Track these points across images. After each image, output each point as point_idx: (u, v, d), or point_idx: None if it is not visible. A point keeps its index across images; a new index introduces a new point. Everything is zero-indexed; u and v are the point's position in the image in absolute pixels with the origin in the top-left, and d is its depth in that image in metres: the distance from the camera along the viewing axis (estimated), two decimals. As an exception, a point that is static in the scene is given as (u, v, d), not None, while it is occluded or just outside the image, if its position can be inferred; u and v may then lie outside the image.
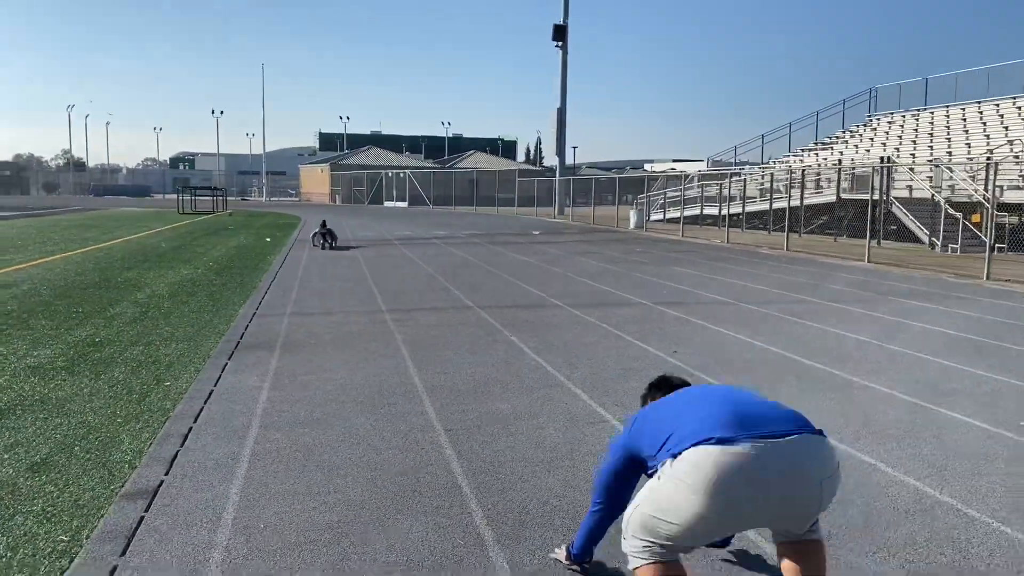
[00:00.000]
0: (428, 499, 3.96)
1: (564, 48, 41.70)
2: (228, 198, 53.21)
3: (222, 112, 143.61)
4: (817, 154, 35.02)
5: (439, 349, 7.48)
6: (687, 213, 32.21)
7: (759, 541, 3.49)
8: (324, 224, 20.69)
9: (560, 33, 41.33)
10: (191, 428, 5.07)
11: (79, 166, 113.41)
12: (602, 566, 3.26)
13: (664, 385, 3.16)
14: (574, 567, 3.23)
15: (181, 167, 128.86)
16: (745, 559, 3.36)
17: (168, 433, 4.97)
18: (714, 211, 30.80)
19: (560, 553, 3.28)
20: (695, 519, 2.47)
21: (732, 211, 27.25)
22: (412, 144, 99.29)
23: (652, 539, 2.61)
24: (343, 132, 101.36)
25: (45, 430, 5.01)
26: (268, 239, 22.66)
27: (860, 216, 23.30)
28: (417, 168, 68.80)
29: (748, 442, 2.46)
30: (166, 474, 4.28)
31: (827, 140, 36.56)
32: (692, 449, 2.49)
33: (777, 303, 10.71)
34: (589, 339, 8.04)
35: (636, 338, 8.08)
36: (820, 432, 2.61)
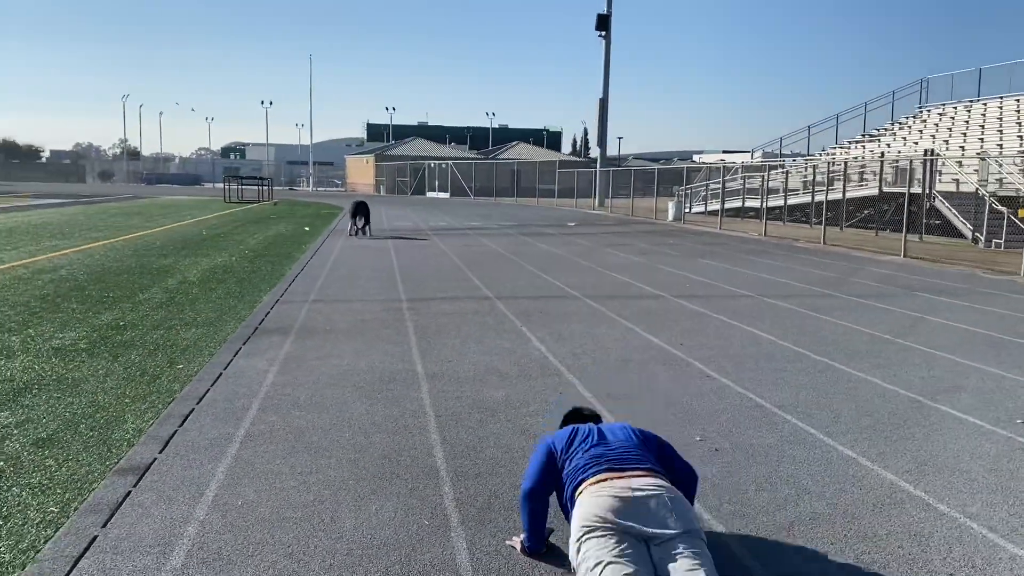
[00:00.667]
0: (404, 481, 4.08)
1: (607, 38, 41.48)
2: (276, 188, 54.10)
3: (271, 103, 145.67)
4: (864, 146, 34.37)
5: (448, 338, 7.60)
6: (730, 205, 31.90)
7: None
8: (360, 202, 21.17)
9: (603, 22, 41.12)
10: (193, 409, 5.25)
11: (133, 155, 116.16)
12: (559, 552, 3.35)
13: (576, 416, 3.78)
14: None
15: (232, 157, 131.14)
16: None
17: (171, 414, 5.16)
18: (756, 204, 30.45)
19: (516, 541, 3.37)
20: (602, 518, 2.97)
21: (772, 204, 26.91)
22: (457, 135, 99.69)
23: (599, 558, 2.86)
24: (389, 123, 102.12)
25: (56, 408, 5.23)
26: (307, 228, 23.03)
27: (902, 210, 22.86)
28: (460, 159, 69.09)
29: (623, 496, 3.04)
30: (160, 452, 4.46)
31: (875, 132, 35.85)
32: (580, 496, 3.11)
33: (798, 297, 10.62)
34: (598, 331, 8.09)
35: (646, 330, 8.11)
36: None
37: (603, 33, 41.42)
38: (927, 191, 22.39)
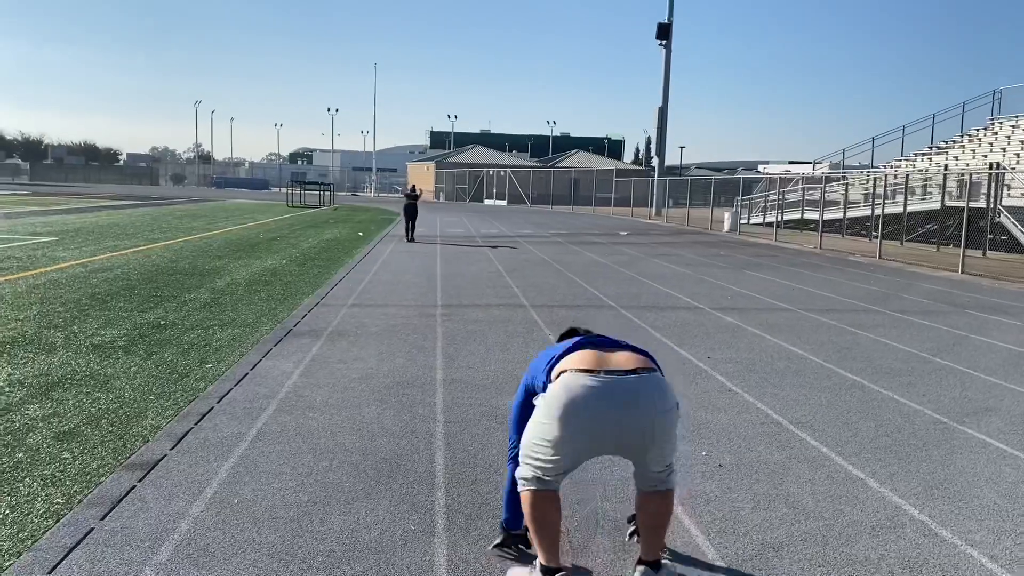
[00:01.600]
0: (400, 486, 4.12)
1: (668, 47, 41.22)
2: (340, 193, 55.00)
3: (337, 110, 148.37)
4: (931, 159, 33.40)
5: (473, 344, 7.64)
6: (789, 217, 31.35)
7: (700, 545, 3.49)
8: (413, 188, 21.67)
9: (664, 32, 40.86)
10: (212, 408, 5.39)
11: (206, 159, 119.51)
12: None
13: (571, 334, 3.56)
14: (510, 546, 3.41)
15: (299, 162, 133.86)
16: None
17: (190, 412, 5.30)
18: (816, 216, 29.86)
19: (497, 540, 3.43)
20: (556, 440, 2.96)
21: (831, 216, 26.34)
22: (518, 143, 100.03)
23: (535, 464, 3.02)
24: (451, 131, 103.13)
25: (84, 403, 5.42)
26: (361, 233, 23.37)
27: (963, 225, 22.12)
28: (518, 167, 69.31)
29: (598, 376, 2.98)
30: (171, 449, 4.59)
31: (943, 144, 34.81)
32: (557, 379, 3.04)
33: (840, 312, 10.38)
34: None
35: (676, 342, 8.02)
36: (659, 373, 3.16)
37: (663, 42, 41.15)
38: (992, 205, 21.66)
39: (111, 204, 38.76)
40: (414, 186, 23.26)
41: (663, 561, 3.15)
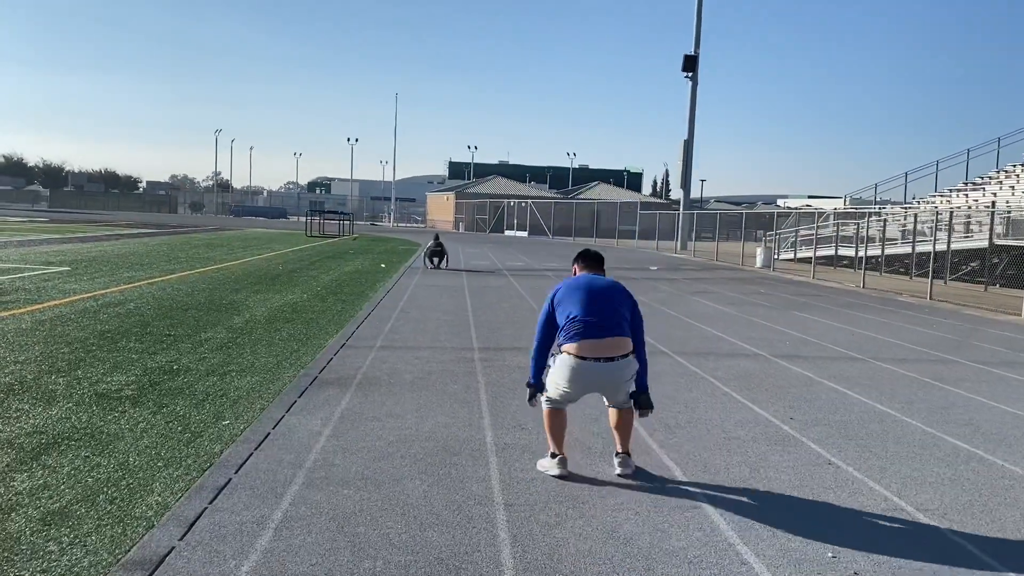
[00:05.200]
0: (464, 600, 3.28)
1: (694, 79, 40.64)
2: (358, 222, 54.47)
3: (357, 140, 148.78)
4: (967, 195, 32.48)
5: (521, 397, 6.77)
6: (821, 253, 30.41)
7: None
8: (436, 238, 21.43)
9: (690, 64, 40.31)
10: (230, 480, 4.58)
11: (224, 187, 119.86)
12: None
13: (586, 256, 5.49)
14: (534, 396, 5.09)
15: (318, 191, 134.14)
16: None
17: (203, 485, 4.49)
18: (850, 252, 28.94)
19: (528, 395, 5.17)
20: (562, 387, 4.87)
21: (870, 253, 25.39)
22: (537, 174, 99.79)
23: (550, 396, 4.95)
24: (471, 161, 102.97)
25: (80, 471, 4.63)
26: (383, 265, 22.66)
27: (1016, 264, 21.19)
28: (539, 198, 68.74)
29: (590, 361, 4.81)
30: (180, 539, 3.77)
31: (978, 180, 33.88)
32: (561, 354, 4.91)
33: (915, 362, 9.47)
34: (691, 395, 7.18)
35: (748, 399, 7.16)
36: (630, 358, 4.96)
37: (690, 74, 40.59)
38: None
39: (128, 232, 38.33)
40: (437, 235, 23.22)
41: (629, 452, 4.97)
